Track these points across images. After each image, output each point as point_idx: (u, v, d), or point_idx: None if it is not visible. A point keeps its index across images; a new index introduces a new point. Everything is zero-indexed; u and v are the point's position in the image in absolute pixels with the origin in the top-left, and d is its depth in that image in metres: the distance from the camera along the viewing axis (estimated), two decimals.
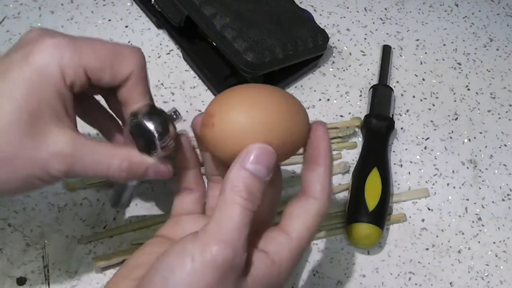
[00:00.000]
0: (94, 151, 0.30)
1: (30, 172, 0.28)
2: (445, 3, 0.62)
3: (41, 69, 0.28)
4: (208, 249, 0.25)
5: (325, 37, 0.51)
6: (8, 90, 0.28)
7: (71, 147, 0.29)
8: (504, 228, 0.46)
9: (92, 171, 0.30)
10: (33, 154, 0.28)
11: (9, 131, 0.27)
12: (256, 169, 0.28)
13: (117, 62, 0.31)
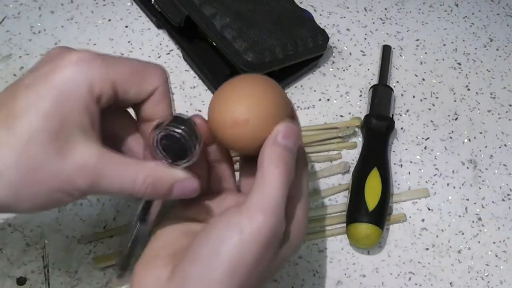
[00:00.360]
0: (119, 165, 0.29)
1: (54, 186, 0.28)
2: (445, 3, 0.62)
3: (69, 82, 0.28)
4: (255, 220, 0.27)
5: (325, 37, 0.51)
6: (34, 103, 0.27)
7: (95, 160, 0.28)
8: (504, 228, 0.46)
9: (117, 186, 0.29)
10: (57, 167, 0.27)
11: (34, 143, 0.27)
12: (286, 143, 0.30)
13: (143, 76, 0.31)
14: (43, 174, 0.27)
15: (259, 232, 0.27)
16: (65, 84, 0.28)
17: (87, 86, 0.28)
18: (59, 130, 0.27)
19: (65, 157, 0.27)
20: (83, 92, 0.28)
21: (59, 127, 0.27)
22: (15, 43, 0.52)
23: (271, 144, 0.30)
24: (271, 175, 0.29)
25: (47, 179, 0.27)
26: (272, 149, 0.30)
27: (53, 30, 0.53)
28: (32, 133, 0.27)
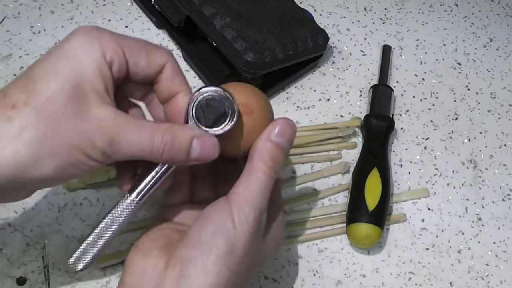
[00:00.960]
0: (136, 126, 0.29)
1: (74, 143, 0.28)
2: (445, 3, 0.62)
3: (82, 47, 0.29)
4: (243, 210, 0.30)
5: (325, 37, 0.51)
6: (51, 69, 0.28)
7: (113, 120, 0.29)
8: (504, 228, 0.46)
9: (136, 146, 0.29)
10: (76, 125, 0.28)
11: (53, 103, 0.27)
12: (279, 141, 0.32)
13: (151, 50, 0.32)
14: (63, 131, 0.28)
15: (246, 221, 0.30)
16: (78, 49, 0.29)
17: (99, 50, 0.29)
18: (76, 92, 0.28)
19: (83, 117, 0.28)
20: (96, 56, 0.29)
21: (76, 89, 0.28)
22: (15, 43, 0.52)
23: (264, 139, 0.32)
24: (258, 171, 0.31)
25: (67, 135, 0.28)
26: (264, 145, 0.32)
27: (53, 30, 0.53)
28: (50, 95, 0.28)
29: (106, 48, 0.29)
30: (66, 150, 0.28)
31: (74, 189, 0.43)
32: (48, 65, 0.29)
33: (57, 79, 0.28)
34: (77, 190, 0.43)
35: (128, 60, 0.31)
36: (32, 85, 0.28)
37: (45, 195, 0.43)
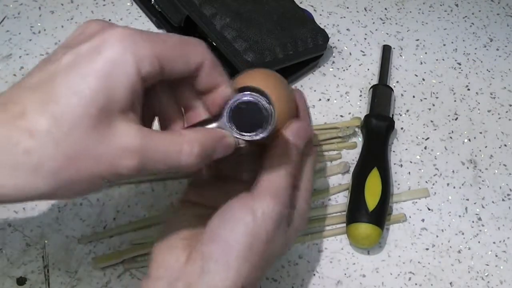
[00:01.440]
0: (162, 141, 0.28)
1: (96, 171, 0.26)
2: (445, 3, 0.62)
3: (115, 62, 0.26)
4: (265, 203, 0.31)
5: (325, 37, 0.51)
6: (77, 86, 0.25)
7: (139, 140, 0.27)
8: (504, 228, 0.46)
9: (164, 163, 0.28)
10: (100, 151, 0.26)
11: (76, 131, 0.25)
12: (295, 141, 0.34)
13: (188, 49, 0.29)
14: (85, 162, 0.26)
15: (269, 214, 0.31)
16: (111, 65, 0.26)
17: (134, 66, 0.26)
18: (102, 114, 0.26)
19: (108, 141, 0.26)
20: (130, 73, 0.26)
21: (102, 111, 0.26)
22: (15, 43, 0.52)
23: (282, 140, 0.34)
24: (279, 168, 0.33)
25: (89, 166, 0.26)
26: (282, 144, 0.34)
27: (53, 30, 0.53)
28: (74, 120, 0.25)
29: (142, 63, 0.27)
30: (87, 180, 0.26)
31: None
32: (74, 80, 0.25)
33: (83, 101, 0.25)
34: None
35: (165, 68, 0.28)
36: (54, 104, 0.25)
37: None
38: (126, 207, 0.43)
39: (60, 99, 0.25)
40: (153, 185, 0.44)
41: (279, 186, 0.32)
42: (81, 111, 0.25)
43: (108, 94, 0.26)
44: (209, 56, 0.30)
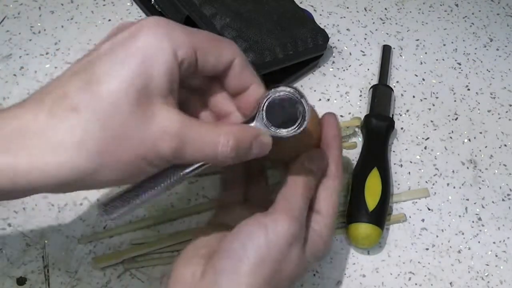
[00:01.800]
0: (200, 129, 0.28)
1: (138, 153, 0.26)
2: (445, 3, 0.62)
3: (153, 45, 0.27)
4: (279, 222, 0.31)
5: (325, 37, 0.51)
6: (118, 67, 0.26)
7: (179, 125, 0.27)
8: (504, 228, 0.46)
9: (201, 151, 0.28)
10: (141, 133, 0.26)
11: (116, 110, 0.25)
12: (311, 167, 0.35)
13: (220, 45, 0.30)
14: (127, 142, 0.26)
15: (283, 233, 0.31)
16: (149, 48, 0.26)
17: (171, 49, 0.27)
18: (141, 96, 0.26)
19: (150, 123, 0.26)
20: (168, 56, 0.27)
21: (142, 93, 0.26)
22: (15, 43, 0.52)
23: (299, 166, 0.34)
24: (296, 192, 0.33)
25: (132, 147, 0.26)
26: (298, 170, 0.34)
27: (53, 30, 0.53)
28: (117, 98, 0.25)
29: (178, 47, 0.27)
30: (129, 161, 0.26)
31: None
32: (114, 64, 0.26)
33: (123, 80, 0.26)
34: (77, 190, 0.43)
35: (198, 58, 0.29)
36: (96, 85, 0.25)
37: (45, 195, 0.43)
38: None
39: (101, 79, 0.25)
40: None
41: (294, 206, 0.32)
42: (123, 91, 0.25)
43: (146, 77, 0.26)
44: (241, 55, 0.31)
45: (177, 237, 0.41)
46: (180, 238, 0.41)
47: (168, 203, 0.43)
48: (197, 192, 0.44)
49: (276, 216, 0.31)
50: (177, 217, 0.43)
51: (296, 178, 0.34)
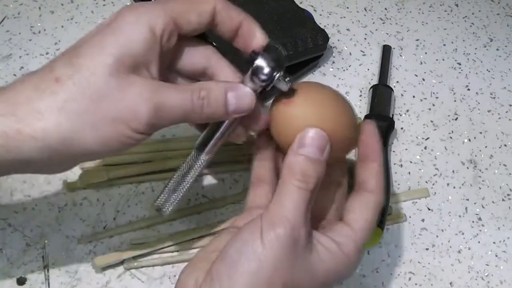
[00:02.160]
0: (175, 88, 0.30)
1: (116, 115, 0.29)
2: (445, 3, 0.62)
3: (130, 25, 0.30)
4: (271, 226, 0.29)
5: (325, 37, 0.51)
6: (97, 41, 0.29)
7: (154, 89, 0.29)
8: (504, 228, 0.46)
9: (178, 109, 0.30)
10: (118, 98, 0.29)
11: (97, 77, 0.28)
12: (309, 152, 0.31)
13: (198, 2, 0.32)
14: (105, 105, 0.28)
15: (276, 237, 0.29)
16: (126, 25, 0.29)
17: (148, 25, 0.30)
18: (119, 66, 0.29)
19: (126, 90, 0.29)
20: (145, 33, 0.29)
21: (120, 63, 0.29)
22: (15, 43, 0.52)
23: (293, 153, 0.31)
24: (288, 186, 0.30)
25: (109, 109, 0.28)
26: (292, 160, 0.31)
27: (53, 30, 0.53)
28: (94, 69, 0.28)
29: (155, 22, 0.30)
30: (109, 123, 0.29)
31: (74, 189, 0.43)
32: (94, 40, 0.29)
33: (102, 53, 0.29)
34: (77, 190, 0.43)
35: (179, 24, 0.31)
36: (76, 58, 0.29)
37: (45, 195, 0.43)
38: (126, 207, 0.43)
39: (82, 54, 0.29)
40: (153, 185, 0.44)
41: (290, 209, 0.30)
42: (100, 61, 0.28)
43: (124, 47, 0.29)
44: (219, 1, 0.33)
45: (177, 237, 0.41)
46: (180, 238, 0.41)
47: None
48: (197, 192, 0.44)
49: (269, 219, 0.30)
50: (177, 217, 0.43)
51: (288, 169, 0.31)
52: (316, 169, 0.31)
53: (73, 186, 0.43)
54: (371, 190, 0.33)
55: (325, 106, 0.33)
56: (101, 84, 0.28)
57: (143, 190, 0.44)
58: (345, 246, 0.31)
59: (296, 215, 0.30)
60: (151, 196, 0.44)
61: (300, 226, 0.30)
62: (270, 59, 0.32)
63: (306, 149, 0.31)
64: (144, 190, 0.44)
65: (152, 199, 0.43)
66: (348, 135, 0.34)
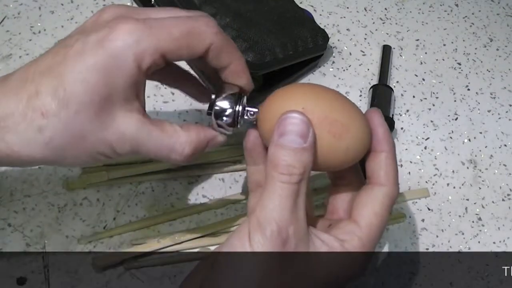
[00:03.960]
0: (157, 136, 0.31)
1: (96, 150, 0.30)
2: (445, 3, 0.62)
3: (116, 55, 0.29)
4: (258, 228, 0.27)
5: (325, 37, 0.51)
6: (83, 74, 0.28)
7: (135, 130, 0.30)
8: (504, 228, 0.46)
9: (155, 155, 0.31)
10: (101, 135, 0.29)
11: (81, 112, 0.29)
12: (287, 140, 0.29)
13: (194, 39, 0.31)
14: (87, 141, 0.29)
15: (263, 239, 0.27)
16: (112, 60, 0.29)
17: (134, 61, 0.29)
18: (104, 102, 0.29)
19: (108, 127, 0.29)
20: (130, 66, 0.29)
21: (104, 100, 0.29)
22: (15, 43, 0.52)
23: (272, 146, 0.29)
24: (271, 182, 0.28)
25: (91, 145, 0.30)
26: (272, 152, 0.29)
27: (53, 30, 0.53)
28: (79, 107, 0.29)
29: (142, 58, 0.29)
30: (89, 154, 0.30)
31: (74, 189, 0.43)
32: (80, 72, 0.28)
33: (88, 90, 0.28)
34: (77, 190, 0.43)
35: (168, 59, 0.30)
36: (63, 91, 0.28)
37: (45, 195, 0.43)
38: (126, 207, 0.43)
39: (68, 86, 0.28)
40: (153, 185, 0.44)
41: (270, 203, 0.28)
42: (85, 99, 0.28)
43: (109, 86, 0.29)
44: (217, 38, 0.31)
45: (177, 237, 0.41)
46: (180, 238, 0.41)
47: (168, 203, 0.43)
48: (197, 192, 0.44)
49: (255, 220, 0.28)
50: (177, 217, 0.43)
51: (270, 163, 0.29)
52: (300, 158, 0.28)
53: (73, 186, 0.43)
54: (380, 182, 0.31)
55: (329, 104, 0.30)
56: (86, 124, 0.29)
57: (143, 190, 0.44)
58: (348, 243, 0.29)
59: (283, 213, 0.28)
60: (151, 196, 0.44)
61: (288, 224, 0.28)
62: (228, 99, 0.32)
63: (286, 137, 0.29)
64: (144, 190, 0.44)
65: (152, 199, 0.43)
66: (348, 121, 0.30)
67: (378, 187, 0.31)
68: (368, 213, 0.30)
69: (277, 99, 0.31)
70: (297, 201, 0.28)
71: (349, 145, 0.30)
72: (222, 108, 0.32)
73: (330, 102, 0.30)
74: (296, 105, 0.30)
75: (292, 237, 0.28)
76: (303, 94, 0.31)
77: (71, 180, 0.43)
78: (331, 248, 0.29)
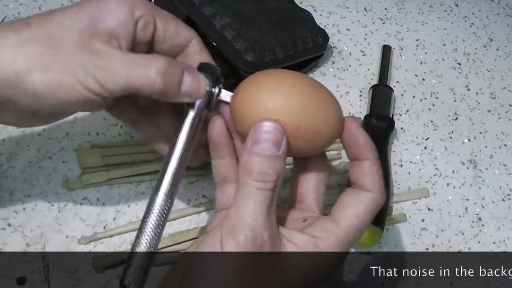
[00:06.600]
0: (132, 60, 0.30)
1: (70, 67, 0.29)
2: (445, 3, 0.62)
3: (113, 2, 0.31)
4: (231, 234, 0.27)
5: (325, 37, 0.51)
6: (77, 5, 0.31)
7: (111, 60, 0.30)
8: (504, 228, 0.46)
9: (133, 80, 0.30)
10: (78, 53, 0.29)
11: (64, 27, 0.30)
12: (261, 148, 0.29)
13: (181, 24, 0.34)
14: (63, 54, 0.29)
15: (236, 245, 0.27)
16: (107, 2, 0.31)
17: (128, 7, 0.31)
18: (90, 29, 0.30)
19: (87, 49, 0.29)
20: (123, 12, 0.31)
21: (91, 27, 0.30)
22: None
23: (245, 152, 0.29)
24: (244, 188, 0.28)
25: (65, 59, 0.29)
26: (245, 159, 0.29)
27: None
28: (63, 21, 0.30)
29: (136, 7, 0.31)
30: (61, 70, 0.29)
31: (74, 189, 0.43)
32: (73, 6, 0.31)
33: (77, 13, 0.30)
34: (77, 190, 0.43)
35: (157, 24, 0.32)
36: (51, 14, 0.30)
37: (45, 195, 0.43)
38: (126, 207, 0.43)
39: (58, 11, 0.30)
40: (153, 185, 0.44)
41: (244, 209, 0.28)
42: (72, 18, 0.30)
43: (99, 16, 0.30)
44: (199, 38, 0.34)
45: (177, 237, 0.41)
46: (180, 238, 0.41)
47: None
48: (197, 192, 0.44)
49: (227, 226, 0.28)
50: (177, 217, 0.43)
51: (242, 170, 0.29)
52: (273, 166, 0.28)
53: (73, 186, 0.43)
54: (367, 189, 0.30)
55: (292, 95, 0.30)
56: (67, 36, 0.29)
57: (143, 190, 0.44)
58: (324, 241, 0.29)
59: (258, 219, 0.27)
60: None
61: (263, 229, 0.27)
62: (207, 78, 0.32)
63: (260, 145, 0.28)
64: (144, 190, 0.44)
65: None
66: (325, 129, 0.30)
67: (364, 192, 0.30)
68: (350, 214, 0.30)
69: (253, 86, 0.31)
70: (271, 207, 0.28)
71: (321, 144, 0.31)
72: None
73: (305, 101, 0.30)
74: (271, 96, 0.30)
75: (267, 243, 0.28)
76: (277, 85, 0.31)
77: (71, 180, 0.43)
78: (305, 249, 0.29)
